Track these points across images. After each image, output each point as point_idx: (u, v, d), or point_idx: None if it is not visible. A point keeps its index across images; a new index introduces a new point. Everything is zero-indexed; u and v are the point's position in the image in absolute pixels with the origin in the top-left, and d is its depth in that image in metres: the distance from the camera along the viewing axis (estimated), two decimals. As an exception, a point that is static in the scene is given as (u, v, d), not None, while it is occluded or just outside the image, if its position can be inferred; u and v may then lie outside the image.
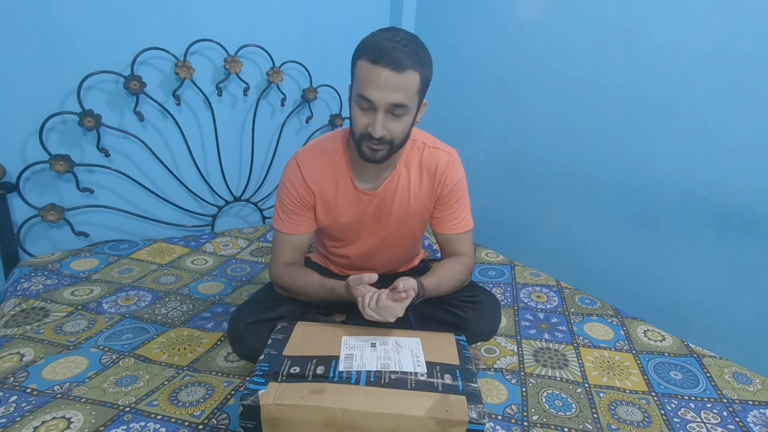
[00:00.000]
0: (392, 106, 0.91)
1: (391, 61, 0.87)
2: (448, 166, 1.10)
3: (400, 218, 1.13)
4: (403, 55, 0.88)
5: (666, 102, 1.37)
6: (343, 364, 0.83)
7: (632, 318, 1.37)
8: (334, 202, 1.10)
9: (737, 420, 0.98)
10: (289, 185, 1.09)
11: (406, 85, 0.90)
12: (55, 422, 0.85)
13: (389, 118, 0.93)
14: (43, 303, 1.27)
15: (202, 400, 0.95)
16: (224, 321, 1.24)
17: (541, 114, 1.73)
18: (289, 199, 1.10)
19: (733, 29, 1.22)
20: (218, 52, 1.77)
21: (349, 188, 1.09)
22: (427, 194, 1.12)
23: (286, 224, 1.12)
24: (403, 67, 0.88)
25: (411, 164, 1.10)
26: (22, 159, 1.51)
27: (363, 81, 0.90)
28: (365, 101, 0.91)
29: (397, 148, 0.99)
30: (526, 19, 1.73)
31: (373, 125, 0.92)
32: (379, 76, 0.88)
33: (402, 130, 0.96)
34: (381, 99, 0.90)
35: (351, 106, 0.97)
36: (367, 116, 0.93)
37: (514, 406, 0.99)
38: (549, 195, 1.77)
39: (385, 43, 0.89)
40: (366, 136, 0.94)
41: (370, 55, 0.89)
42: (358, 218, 1.12)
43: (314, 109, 2.06)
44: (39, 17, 1.45)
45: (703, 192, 1.33)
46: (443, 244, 1.19)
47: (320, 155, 1.09)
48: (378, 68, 0.88)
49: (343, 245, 1.20)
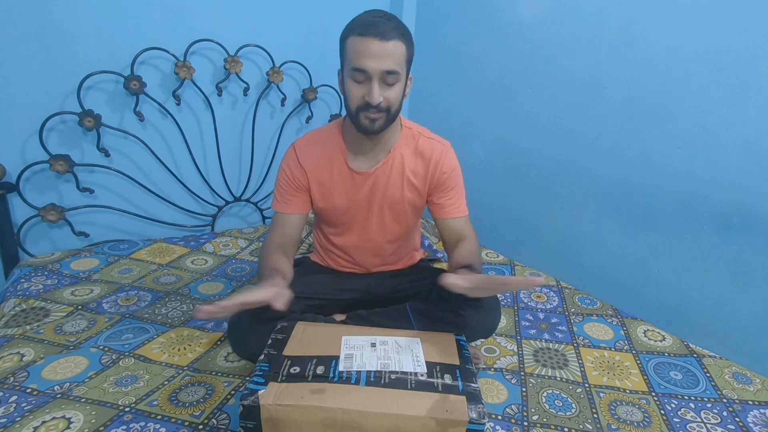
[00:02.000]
0: (385, 73, 0.97)
1: (379, 33, 0.95)
2: (443, 154, 1.15)
3: (393, 201, 1.16)
4: (387, 27, 0.96)
5: (666, 102, 1.37)
6: (343, 364, 0.83)
7: (632, 318, 1.38)
8: (329, 184, 1.15)
9: (737, 420, 0.98)
10: (285, 167, 1.16)
11: (395, 53, 0.97)
12: (55, 422, 0.85)
13: (383, 86, 0.99)
14: (43, 303, 1.27)
15: (202, 400, 0.95)
16: (224, 321, 1.23)
17: (541, 114, 1.73)
18: (284, 180, 1.16)
19: (733, 29, 1.22)
20: (218, 52, 1.77)
21: (344, 169, 1.14)
22: (421, 181, 1.15)
23: (279, 203, 1.17)
24: (390, 36, 0.96)
25: (406, 149, 1.15)
26: (22, 159, 1.51)
27: (355, 54, 0.97)
28: (360, 72, 0.97)
29: (393, 117, 1.05)
30: (527, 18, 1.73)
31: (370, 93, 0.98)
32: (369, 47, 0.95)
33: (396, 98, 1.02)
34: (374, 67, 0.96)
35: (344, 85, 1.03)
36: (362, 88, 0.99)
37: (514, 406, 0.99)
38: (549, 195, 1.77)
39: (369, 18, 0.98)
40: (363, 107, 1.00)
41: (358, 29, 0.97)
42: (352, 200, 1.16)
43: (314, 109, 2.06)
44: (39, 17, 1.45)
45: (703, 192, 1.33)
46: (446, 230, 1.19)
47: (316, 141, 1.16)
48: (368, 39, 0.95)
49: (341, 231, 1.22)
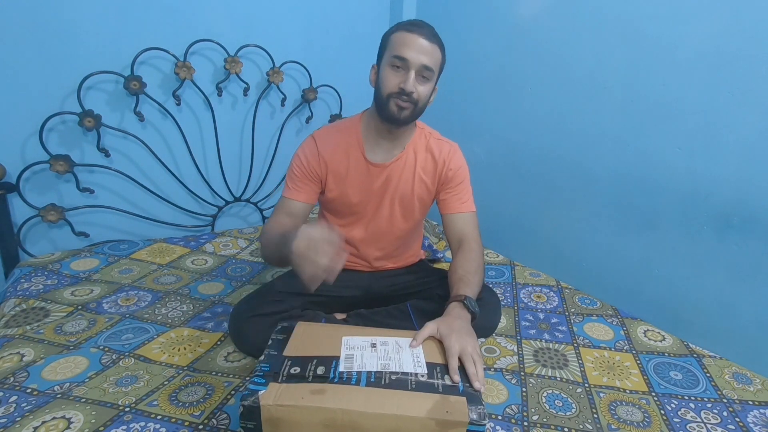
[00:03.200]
0: (422, 67, 1.04)
1: (424, 33, 1.04)
2: (451, 153, 1.21)
3: (404, 196, 1.20)
4: (431, 33, 1.06)
5: (666, 101, 1.37)
6: (344, 365, 0.83)
7: (632, 318, 1.37)
8: (345, 174, 1.17)
9: (737, 420, 0.98)
10: (302, 155, 1.18)
11: (434, 54, 1.06)
12: (55, 422, 0.85)
13: (418, 80, 1.05)
14: (43, 303, 1.27)
15: (202, 400, 0.95)
16: (224, 321, 1.24)
17: (541, 113, 1.73)
18: (299, 168, 1.17)
19: (733, 29, 1.22)
20: (218, 52, 1.77)
21: (360, 161, 1.17)
22: (431, 177, 1.20)
23: (289, 189, 1.18)
24: (433, 40, 1.05)
25: (418, 147, 1.20)
26: (22, 159, 1.51)
27: (399, 44, 1.04)
28: (400, 60, 1.03)
29: (418, 112, 1.10)
30: (527, 17, 1.73)
31: (406, 81, 1.04)
32: (414, 40, 1.03)
33: (425, 95, 1.08)
34: (415, 58, 1.03)
35: (380, 74, 1.08)
36: (399, 75, 1.05)
37: (514, 406, 0.99)
38: (549, 195, 1.77)
39: (416, 21, 1.08)
40: (395, 94, 1.05)
41: (405, 27, 1.05)
42: (366, 191, 1.19)
43: (314, 109, 2.06)
44: (39, 17, 1.45)
45: (703, 191, 1.33)
46: (450, 226, 1.21)
47: (335, 132, 1.20)
48: (414, 35, 1.04)
49: (350, 223, 1.23)
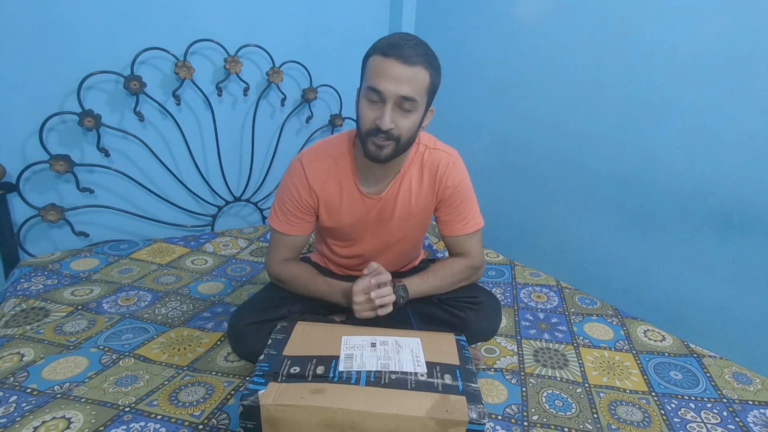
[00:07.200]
0: (401, 98, 0.91)
1: (402, 55, 0.89)
2: (449, 168, 1.10)
3: (402, 221, 1.13)
4: (413, 51, 0.90)
5: (666, 101, 1.37)
6: (343, 364, 0.83)
7: (632, 318, 1.37)
8: (337, 205, 1.10)
9: (737, 420, 0.98)
10: (291, 187, 1.09)
11: (415, 80, 0.91)
12: (55, 422, 0.85)
13: (397, 112, 0.93)
14: (43, 303, 1.27)
15: (202, 400, 0.95)
16: (224, 321, 1.24)
17: (541, 114, 1.73)
18: (290, 201, 1.09)
19: (733, 29, 1.22)
20: (218, 52, 1.77)
21: (354, 192, 1.08)
22: (428, 195, 1.11)
23: (283, 224, 1.11)
24: (413, 61, 0.90)
25: (413, 167, 1.10)
26: (22, 159, 1.51)
27: (373, 74, 0.91)
28: (374, 93, 0.91)
29: (402, 147, 0.98)
30: (526, 18, 1.73)
31: (382, 117, 0.91)
32: (389, 68, 0.89)
33: (409, 128, 0.95)
34: (390, 90, 0.90)
35: (359, 105, 0.97)
36: (375, 109, 0.93)
37: (514, 406, 0.99)
38: (549, 195, 1.77)
39: (396, 39, 0.91)
40: (373, 132, 0.94)
41: (381, 49, 0.91)
42: (362, 221, 1.12)
43: (314, 109, 2.06)
44: (39, 17, 1.45)
45: (703, 191, 1.33)
46: (450, 245, 1.18)
47: (325, 158, 1.08)
48: (389, 60, 0.89)
49: (348, 245, 1.20)
